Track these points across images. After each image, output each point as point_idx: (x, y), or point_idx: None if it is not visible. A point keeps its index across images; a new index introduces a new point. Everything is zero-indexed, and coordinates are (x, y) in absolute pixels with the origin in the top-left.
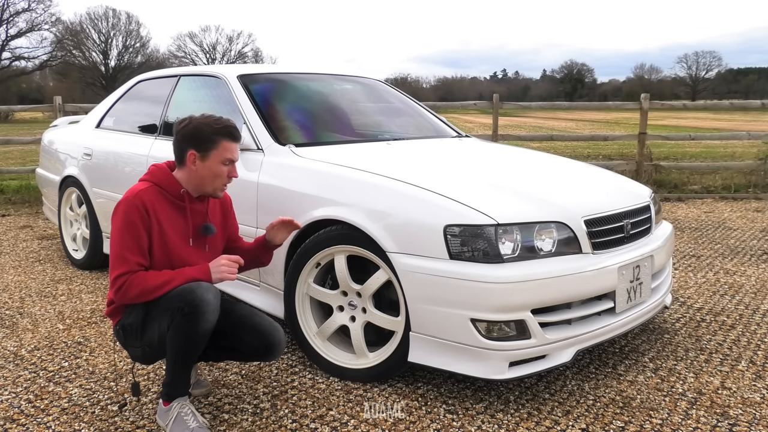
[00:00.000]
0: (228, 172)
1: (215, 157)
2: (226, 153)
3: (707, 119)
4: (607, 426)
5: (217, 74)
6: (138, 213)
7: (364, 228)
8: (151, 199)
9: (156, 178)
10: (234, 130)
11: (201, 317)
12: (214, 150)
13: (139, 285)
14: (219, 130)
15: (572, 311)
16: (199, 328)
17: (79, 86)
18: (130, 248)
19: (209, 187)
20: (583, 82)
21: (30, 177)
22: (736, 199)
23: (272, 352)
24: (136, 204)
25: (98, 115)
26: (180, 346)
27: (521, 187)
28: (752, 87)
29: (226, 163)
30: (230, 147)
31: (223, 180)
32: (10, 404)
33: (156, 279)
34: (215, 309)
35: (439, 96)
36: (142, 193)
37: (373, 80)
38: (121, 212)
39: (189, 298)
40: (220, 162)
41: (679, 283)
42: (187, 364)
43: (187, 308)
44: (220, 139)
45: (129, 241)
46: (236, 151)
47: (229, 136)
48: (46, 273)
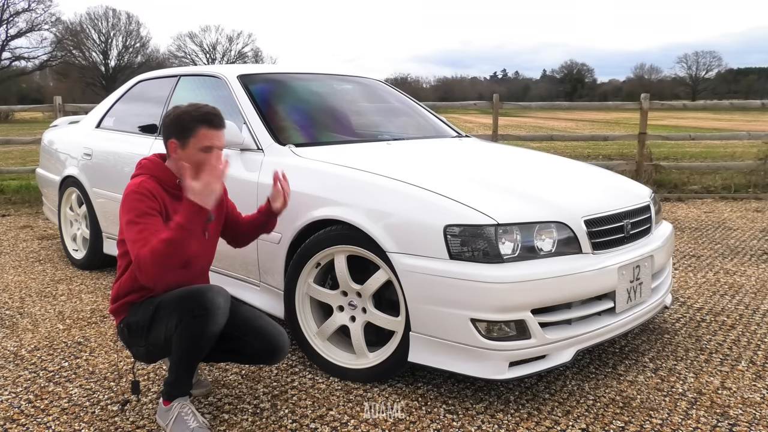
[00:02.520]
0: (207, 160)
1: (193, 145)
2: (203, 140)
3: (707, 119)
4: (607, 426)
5: (217, 74)
6: (148, 199)
7: (364, 228)
8: (154, 187)
9: (151, 171)
10: (213, 116)
11: (210, 320)
12: (193, 138)
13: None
14: (197, 117)
15: (572, 311)
16: (207, 330)
17: (79, 86)
18: (146, 230)
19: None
20: (583, 82)
21: (30, 177)
22: (736, 199)
23: (276, 356)
24: (143, 192)
25: (98, 115)
26: (186, 347)
27: (521, 187)
28: (752, 87)
29: (205, 151)
30: (208, 134)
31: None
32: (10, 404)
33: (159, 235)
34: (225, 313)
35: (439, 96)
36: (144, 182)
37: (373, 80)
38: (130, 201)
39: (200, 300)
40: (198, 149)
41: (679, 283)
42: (192, 366)
43: (197, 310)
44: (198, 126)
45: (142, 224)
46: (216, 138)
47: (206, 123)
48: (46, 273)
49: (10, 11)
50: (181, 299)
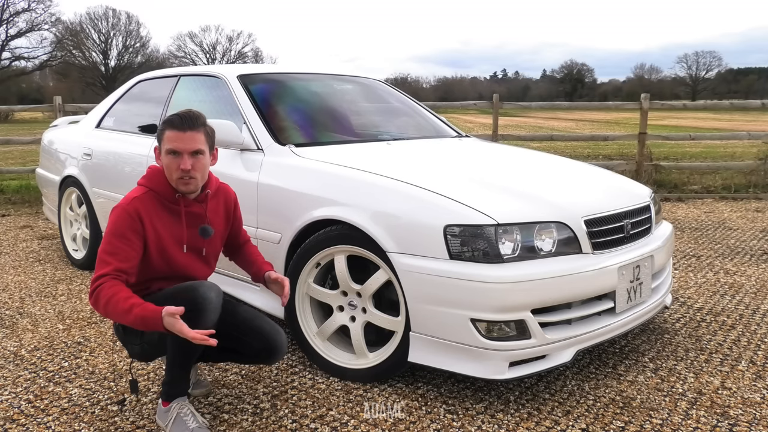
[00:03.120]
0: (177, 165)
1: (162, 148)
2: (166, 143)
3: (707, 119)
4: (607, 426)
5: (217, 74)
6: (129, 221)
7: (364, 228)
8: (146, 206)
9: (151, 183)
10: (176, 117)
11: (202, 315)
12: (162, 141)
13: (106, 298)
14: (164, 122)
15: (572, 311)
16: (200, 326)
17: (79, 86)
18: (113, 254)
19: (171, 181)
20: (583, 82)
21: (30, 177)
22: (736, 199)
23: (273, 355)
24: (129, 211)
25: (98, 115)
26: (180, 345)
27: (521, 187)
28: (752, 87)
29: (170, 153)
30: (171, 136)
31: (174, 173)
32: (10, 404)
33: (121, 303)
34: (216, 308)
35: (439, 96)
36: (136, 201)
37: (373, 80)
38: (114, 217)
39: (191, 296)
40: (165, 152)
41: (679, 283)
42: (187, 363)
43: (188, 306)
44: (164, 129)
45: (114, 246)
46: (178, 140)
47: (170, 125)
48: (46, 273)
49: (10, 11)
50: (173, 296)
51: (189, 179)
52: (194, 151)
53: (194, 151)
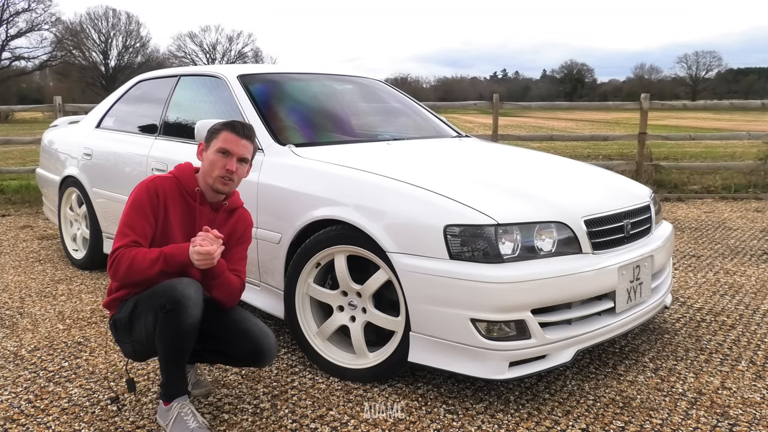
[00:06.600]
0: (224, 164)
1: (213, 146)
2: (221, 142)
3: (707, 119)
4: (607, 426)
5: (217, 74)
6: (149, 195)
7: (364, 228)
8: (167, 188)
9: (178, 172)
10: (237, 123)
11: (183, 312)
12: (215, 139)
13: (128, 259)
14: (224, 124)
15: (572, 311)
16: (183, 323)
17: (79, 86)
18: (132, 226)
19: (209, 178)
20: (583, 82)
21: (30, 177)
22: (736, 199)
23: (261, 358)
24: (150, 188)
25: (98, 115)
26: (168, 344)
27: (521, 187)
28: (752, 87)
29: (221, 152)
30: (228, 137)
31: (218, 170)
32: (10, 404)
33: (148, 254)
34: (197, 303)
35: (439, 96)
36: (159, 180)
37: (373, 80)
38: (135, 192)
39: (170, 294)
40: (215, 150)
41: (679, 283)
42: (179, 363)
43: (168, 305)
44: (222, 130)
45: (133, 219)
46: (233, 143)
47: (229, 128)
48: (46, 273)
49: (10, 11)
50: (154, 294)
51: (228, 180)
52: (242, 158)
53: (242, 158)
